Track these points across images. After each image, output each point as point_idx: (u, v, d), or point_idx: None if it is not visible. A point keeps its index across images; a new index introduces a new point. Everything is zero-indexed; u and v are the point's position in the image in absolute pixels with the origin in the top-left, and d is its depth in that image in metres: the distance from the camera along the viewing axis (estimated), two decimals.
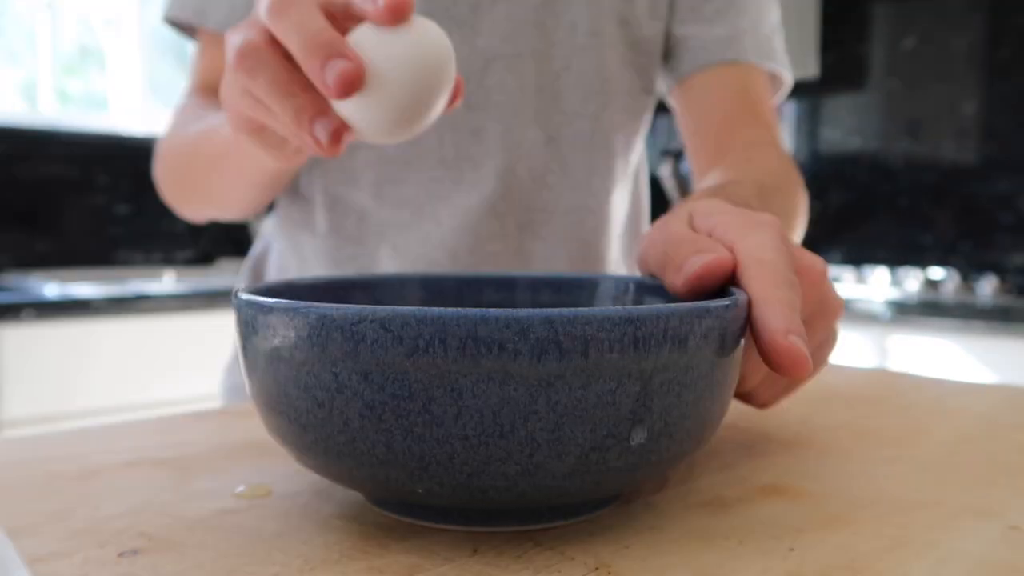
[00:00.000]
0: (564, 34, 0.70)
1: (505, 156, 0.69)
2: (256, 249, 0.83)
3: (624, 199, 0.77)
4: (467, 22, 0.68)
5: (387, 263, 0.71)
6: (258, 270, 0.81)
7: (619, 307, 0.26)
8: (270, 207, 0.80)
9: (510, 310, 0.25)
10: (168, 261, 2.39)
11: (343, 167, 0.71)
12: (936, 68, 2.22)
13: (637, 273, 0.41)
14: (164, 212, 2.37)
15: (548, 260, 0.72)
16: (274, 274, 0.78)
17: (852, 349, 1.77)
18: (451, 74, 0.36)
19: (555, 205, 0.71)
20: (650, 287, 0.41)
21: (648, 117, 0.77)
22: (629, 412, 0.27)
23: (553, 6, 0.70)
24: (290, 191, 0.78)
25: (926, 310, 1.69)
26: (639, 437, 0.27)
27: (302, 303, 0.27)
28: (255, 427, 0.45)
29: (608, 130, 0.73)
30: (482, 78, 0.69)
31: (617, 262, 0.77)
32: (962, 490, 0.35)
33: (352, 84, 0.33)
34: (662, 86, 0.76)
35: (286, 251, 0.77)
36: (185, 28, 0.74)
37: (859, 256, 2.34)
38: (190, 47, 1.18)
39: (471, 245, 0.69)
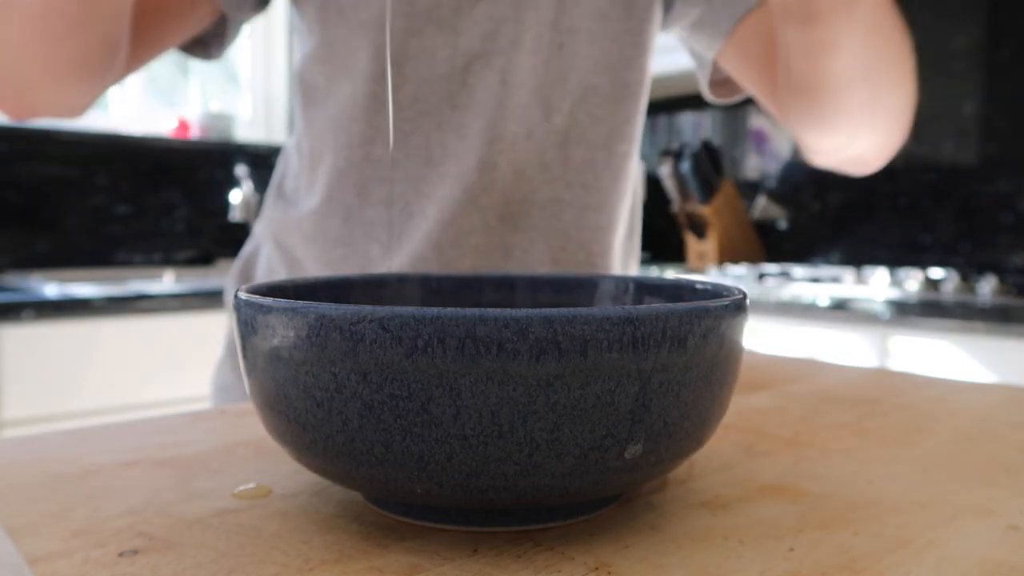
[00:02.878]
0: (541, 30, 0.70)
1: (487, 150, 0.70)
2: (246, 250, 0.83)
3: (611, 191, 0.76)
4: (449, 23, 0.69)
5: (377, 261, 0.71)
6: (247, 271, 0.82)
7: (618, 307, 0.26)
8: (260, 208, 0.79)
9: (508, 310, 0.25)
10: (168, 261, 2.39)
11: (328, 168, 0.71)
12: (936, 68, 2.22)
13: (631, 268, 0.41)
14: (164, 212, 2.39)
15: (528, 252, 0.72)
16: (263, 276, 0.79)
17: (852, 349, 1.77)
18: None
19: (533, 198, 0.72)
20: (650, 287, 0.41)
21: (638, 109, 0.76)
22: (628, 412, 0.27)
23: (531, 2, 0.70)
24: (274, 193, 0.79)
25: (926, 310, 1.69)
26: (634, 451, 0.27)
27: (301, 303, 0.27)
28: (255, 427, 0.45)
29: (585, 124, 0.73)
30: (465, 77, 0.69)
31: (604, 255, 0.76)
32: (962, 490, 0.35)
33: None
34: (708, 54, 0.75)
35: (274, 253, 0.77)
36: None
37: (859, 256, 2.34)
38: None
39: (454, 238, 0.70)
